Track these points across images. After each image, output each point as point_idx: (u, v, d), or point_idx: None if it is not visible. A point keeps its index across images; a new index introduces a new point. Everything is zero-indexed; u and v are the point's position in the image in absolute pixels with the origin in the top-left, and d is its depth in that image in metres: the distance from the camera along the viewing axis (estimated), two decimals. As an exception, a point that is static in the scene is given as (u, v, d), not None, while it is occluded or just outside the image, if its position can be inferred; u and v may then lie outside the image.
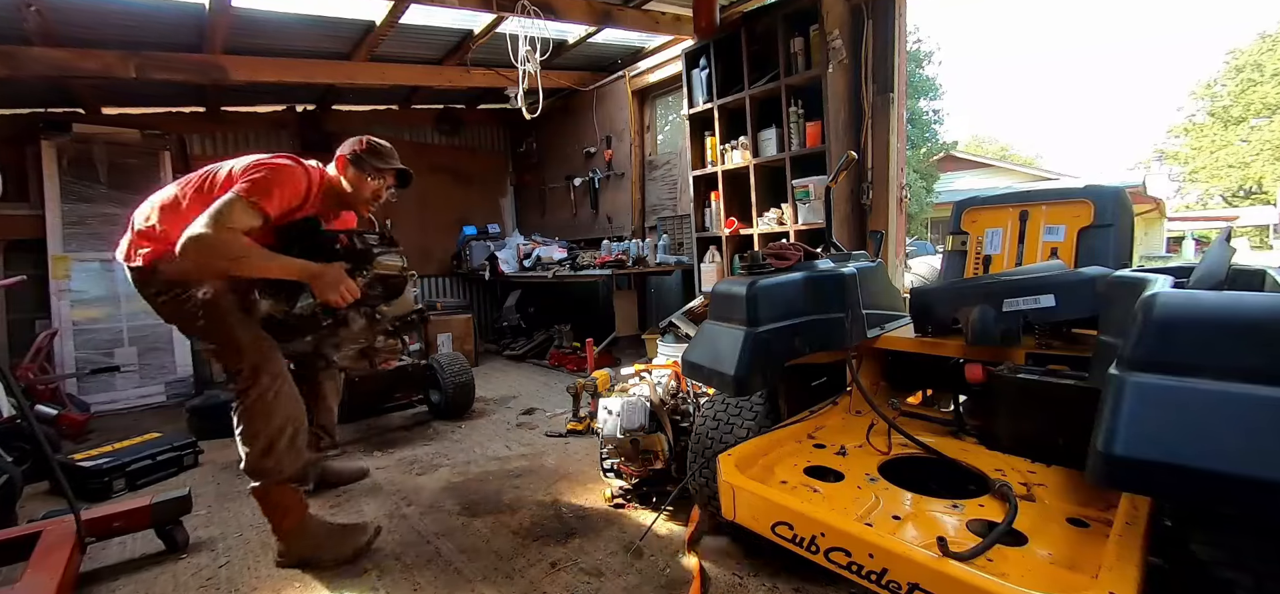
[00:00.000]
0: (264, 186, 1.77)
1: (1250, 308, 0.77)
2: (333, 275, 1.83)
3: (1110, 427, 0.79)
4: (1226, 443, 0.72)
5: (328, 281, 1.83)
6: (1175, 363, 0.79)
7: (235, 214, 1.70)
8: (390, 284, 2.10)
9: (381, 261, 2.05)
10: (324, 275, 1.82)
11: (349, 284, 1.85)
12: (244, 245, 1.71)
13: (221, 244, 1.66)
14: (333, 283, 1.83)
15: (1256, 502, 0.71)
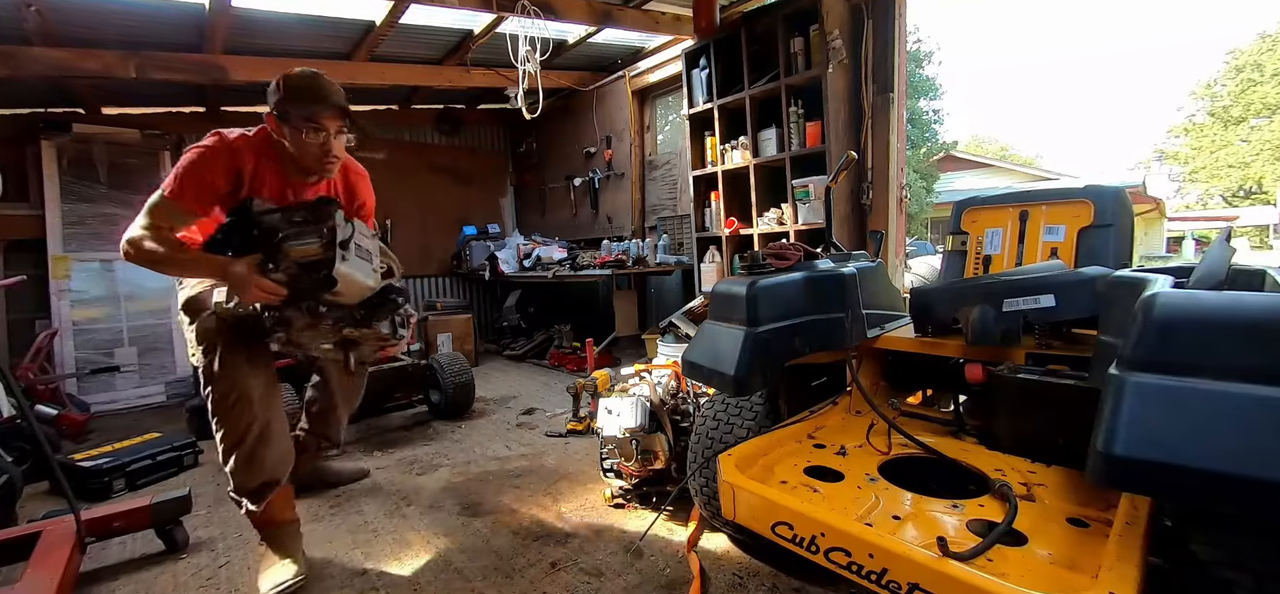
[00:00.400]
0: (178, 180, 1.63)
1: (1250, 308, 0.77)
2: (236, 273, 1.58)
3: (1110, 427, 0.79)
4: (1226, 443, 0.72)
5: (235, 281, 1.60)
6: (1175, 363, 0.79)
7: (158, 214, 1.62)
8: (316, 272, 1.65)
9: (292, 247, 1.64)
10: (230, 275, 1.59)
11: (261, 282, 1.58)
12: (162, 248, 1.60)
13: (141, 247, 1.59)
14: (239, 282, 1.59)
15: (1256, 502, 0.71)
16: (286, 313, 1.67)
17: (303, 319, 1.70)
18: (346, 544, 2.02)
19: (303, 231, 1.66)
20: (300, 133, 1.70)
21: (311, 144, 1.72)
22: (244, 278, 1.57)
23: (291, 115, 1.69)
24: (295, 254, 1.64)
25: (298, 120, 1.69)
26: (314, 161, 1.75)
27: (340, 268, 1.61)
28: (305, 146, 1.72)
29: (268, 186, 1.76)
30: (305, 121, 1.69)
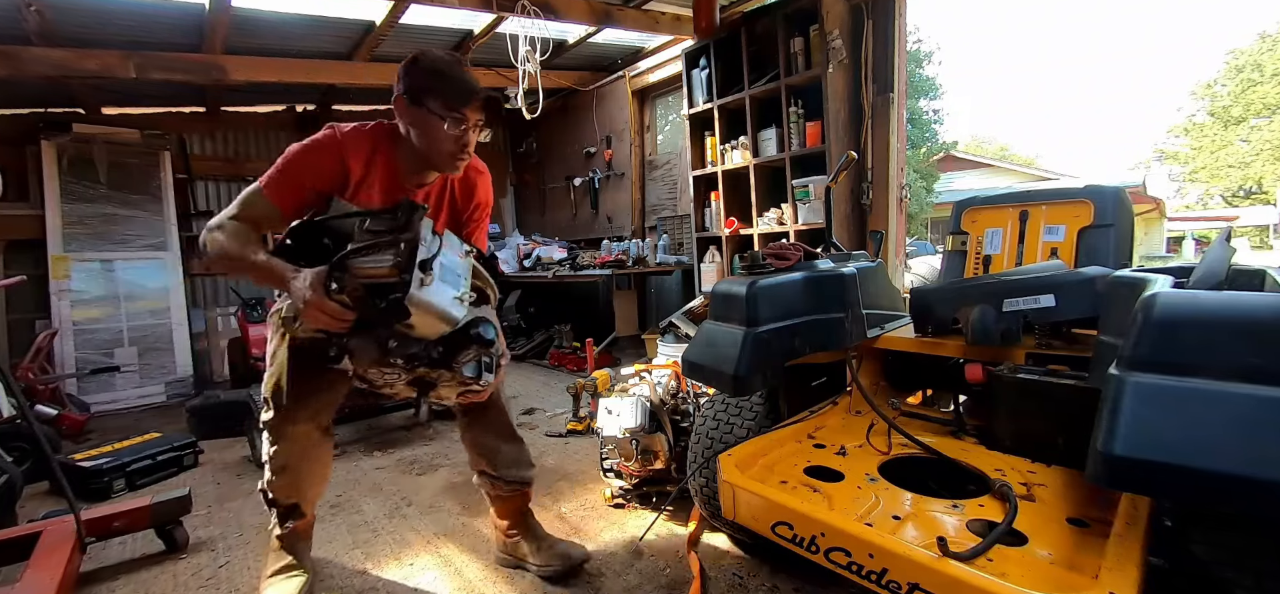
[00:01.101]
0: (276, 175, 1.43)
1: (1250, 308, 0.77)
2: (296, 289, 1.29)
3: (1110, 427, 0.79)
4: (1227, 443, 0.72)
5: (296, 297, 1.30)
6: (1175, 363, 0.78)
7: (244, 205, 1.42)
8: (391, 297, 1.30)
9: (360, 264, 1.29)
10: (294, 290, 1.30)
11: (323, 303, 1.27)
12: (234, 244, 1.37)
13: (214, 238, 1.38)
14: (295, 297, 1.30)
15: (1256, 502, 0.71)
16: (351, 342, 1.36)
17: (371, 352, 1.36)
18: (346, 544, 2.02)
19: (377, 245, 1.31)
20: (439, 123, 1.42)
21: (448, 137, 1.43)
22: (304, 296, 1.27)
23: (429, 102, 1.42)
24: (362, 273, 1.29)
25: (437, 108, 1.42)
26: (445, 158, 1.47)
27: (416, 294, 1.26)
28: (440, 138, 1.44)
29: (378, 187, 1.49)
30: (448, 110, 1.42)
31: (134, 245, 4.94)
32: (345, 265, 1.29)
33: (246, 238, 1.40)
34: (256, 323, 4.12)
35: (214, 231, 1.39)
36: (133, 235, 4.94)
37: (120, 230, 4.88)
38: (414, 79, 1.43)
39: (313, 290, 1.26)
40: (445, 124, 1.42)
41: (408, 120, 1.45)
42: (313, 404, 1.56)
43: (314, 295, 1.26)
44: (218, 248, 1.38)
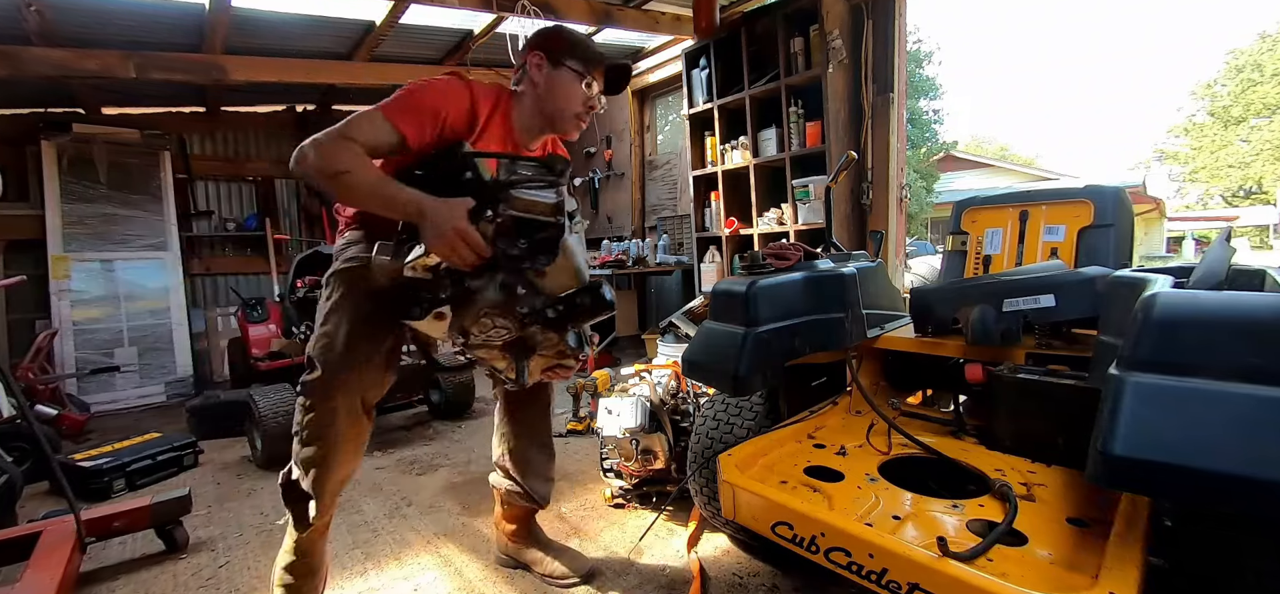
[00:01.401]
0: (403, 101, 1.35)
1: (1250, 308, 0.77)
2: (445, 215, 1.21)
3: (1110, 427, 0.79)
4: (1227, 443, 0.72)
5: (436, 223, 1.21)
6: (1175, 363, 0.78)
7: (362, 126, 1.30)
8: (537, 235, 1.28)
9: (520, 195, 1.26)
10: (433, 214, 1.21)
11: (467, 231, 1.20)
12: (351, 159, 1.25)
13: (327, 151, 1.25)
14: (441, 227, 1.20)
15: (1256, 502, 0.71)
16: (473, 283, 1.29)
17: (490, 296, 1.29)
18: (346, 544, 2.02)
19: (534, 181, 1.29)
20: (576, 83, 1.48)
21: (580, 97, 1.49)
22: (449, 223, 1.20)
23: (566, 60, 1.47)
24: (520, 205, 1.26)
25: (573, 66, 1.48)
26: (571, 119, 1.51)
27: (567, 240, 1.27)
28: (572, 99, 1.49)
29: (495, 141, 1.49)
30: (585, 68, 1.48)
31: (134, 245, 4.94)
32: (506, 196, 1.26)
33: (363, 156, 1.27)
34: (256, 323, 4.12)
35: (322, 145, 1.25)
36: (133, 235, 4.95)
37: (120, 230, 4.89)
38: (554, 41, 1.50)
39: (461, 216, 1.21)
40: (582, 84, 1.49)
41: (542, 80, 1.49)
42: (367, 371, 1.42)
43: (462, 221, 1.21)
44: (335, 162, 1.24)
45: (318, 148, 1.25)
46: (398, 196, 1.26)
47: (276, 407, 2.80)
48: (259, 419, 2.77)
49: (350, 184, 1.27)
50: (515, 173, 1.31)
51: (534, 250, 1.27)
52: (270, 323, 4.07)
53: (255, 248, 5.78)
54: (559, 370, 1.53)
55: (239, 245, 5.77)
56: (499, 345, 1.39)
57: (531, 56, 1.49)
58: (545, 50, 1.49)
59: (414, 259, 1.25)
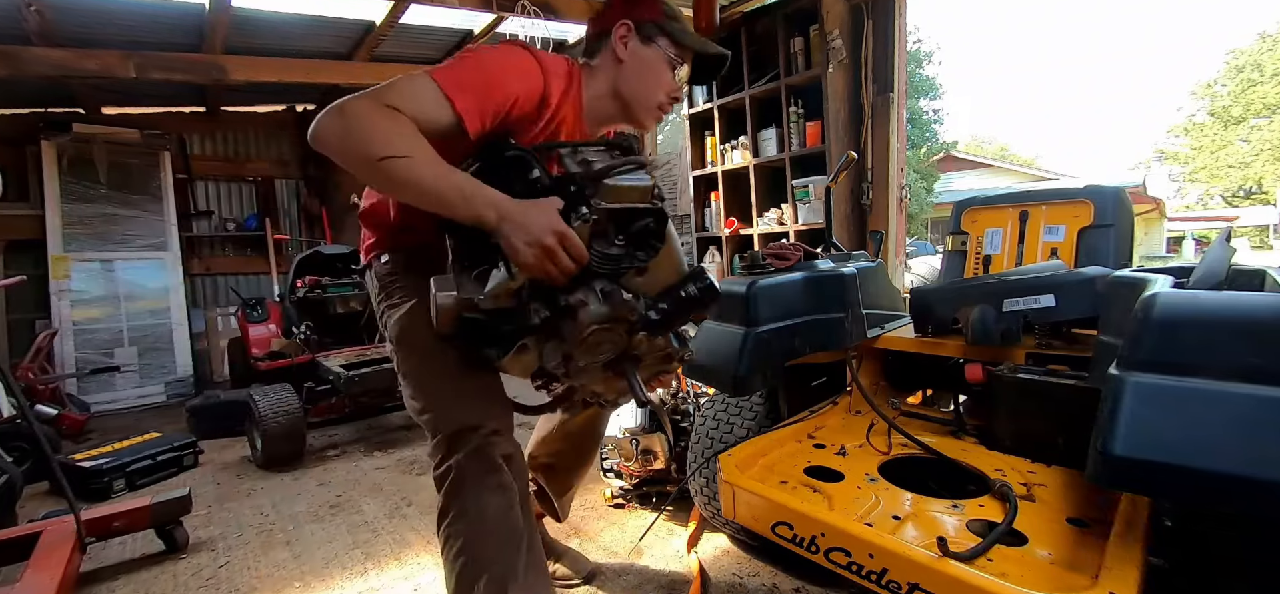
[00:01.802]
0: (462, 71, 1.04)
1: (1250, 308, 0.77)
2: (537, 219, 0.94)
3: (1110, 427, 0.79)
4: (1227, 443, 0.72)
5: (526, 229, 0.94)
6: (1175, 363, 0.78)
7: (409, 95, 0.98)
8: (637, 227, 1.08)
9: (614, 183, 1.05)
10: (520, 218, 0.94)
11: (567, 234, 0.95)
12: (406, 140, 0.94)
13: (368, 126, 0.93)
14: (533, 232, 0.93)
15: (1256, 502, 0.71)
16: (572, 299, 1.00)
17: (596, 310, 1.00)
18: (346, 544, 2.02)
19: (626, 165, 1.07)
20: (665, 67, 1.24)
21: (664, 83, 1.25)
22: (544, 228, 0.93)
23: (659, 37, 1.23)
24: (614, 194, 1.02)
25: (666, 46, 1.23)
26: (652, 109, 1.27)
27: (669, 228, 1.08)
28: (659, 85, 1.25)
29: (563, 131, 1.22)
30: (679, 50, 1.24)
31: (134, 245, 4.94)
32: (598, 184, 1.01)
33: (413, 131, 0.95)
34: (256, 323, 4.12)
35: (360, 115, 0.94)
36: (133, 235, 4.95)
37: (120, 230, 4.89)
38: (648, 12, 1.23)
39: (556, 218, 0.95)
40: (673, 67, 1.25)
41: (627, 58, 1.23)
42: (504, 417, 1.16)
43: (560, 223, 0.94)
44: (375, 140, 0.92)
45: (352, 118, 0.93)
46: (475, 195, 0.94)
47: (276, 407, 2.80)
48: (259, 419, 2.77)
49: (401, 176, 0.93)
50: (588, 161, 1.07)
51: (635, 245, 1.06)
52: (270, 323, 4.07)
53: (255, 248, 5.78)
54: (663, 376, 1.29)
55: (239, 245, 5.77)
56: (601, 366, 1.13)
57: (619, 27, 1.22)
58: (635, 22, 1.23)
59: (497, 287, 0.95)
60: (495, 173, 1.04)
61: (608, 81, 1.25)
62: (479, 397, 1.13)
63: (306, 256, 3.81)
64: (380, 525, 2.16)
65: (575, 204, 1.00)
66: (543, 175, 1.06)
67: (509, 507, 1.09)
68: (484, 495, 1.07)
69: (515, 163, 1.06)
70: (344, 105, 0.94)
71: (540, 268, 0.95)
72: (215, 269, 5.65)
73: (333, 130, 0.94)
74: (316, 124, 0.95)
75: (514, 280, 0.96)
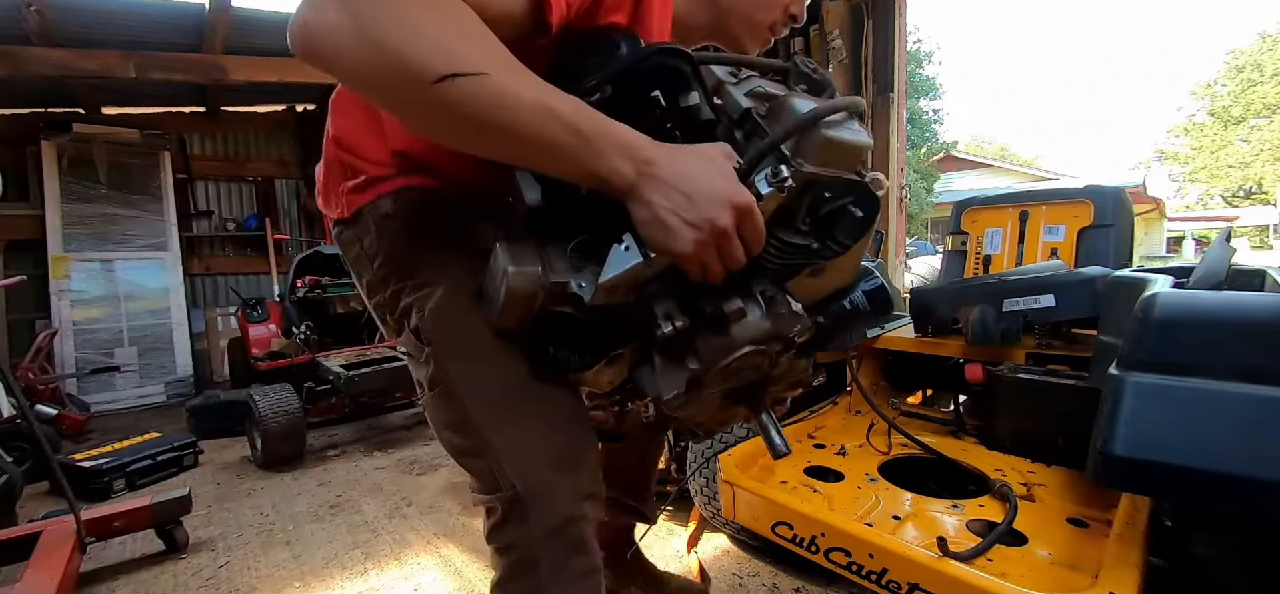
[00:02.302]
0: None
1: (1250, 308, 0.77)
2: (701, 182, 0.60)
3: (1110, 427, 0.79)
4: (1226, 443, 0.72)
5: (683, 193, 0.59)
6: (1175, 363, 0.78)
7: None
8: (834, 207, 0.69)
9: (831, 137, 0.65)
10: (673, 177, 0.60)
11: (747, 206, 0.61)
12: (466, 30, 0.54)
13: (403, 13, 0.52)
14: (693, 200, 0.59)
15: (1256, 502, 0.71)
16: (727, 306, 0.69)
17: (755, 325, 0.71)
18: (346, 544, 2.02)
19: (830, 106, 0.68)
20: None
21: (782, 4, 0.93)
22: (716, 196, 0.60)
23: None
24: (828, 154, 0.66)
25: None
26: (758, 25, 0.94)
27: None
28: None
29: (653, 29, 0.79)
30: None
31: (134, 245, 4.94)
32: (812, 135, 0.65)
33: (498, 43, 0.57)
34: (256, 323, 4.12)
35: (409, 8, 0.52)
36: (133, 235, 4.95)
37: (120, 230, 4.89)
38: None
39: (732, 182, 0.61)
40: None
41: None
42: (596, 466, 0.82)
43: (740, 193, 0.61)
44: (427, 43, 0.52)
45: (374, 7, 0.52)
46: (598, 135, 0.58)
47: (276, 407, 2.80)
48: (259, 419, 2.77)
49: (473, 105, 0.54)
50: (766, 96, 0.72)
51: (824, 234, 0.70)
52: (270, 323, 4.07)
53: (255, 248, 5.78)
54: (786, 391, 0.94)
55: (239, 245, 5.77)
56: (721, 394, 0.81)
57: None
58: None
59: (621, 276, 0.64)
60: (623, 92, 0.66)
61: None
62: (561, 433, 0.77)
63: (306, 256, 3.81)
64: (380, 525, 2.16)
65: (759, 159, 0.65)
66: (705, 104, 0.71)
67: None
68: (568, 584, 0.76)
69: (659, 75, 0.68)
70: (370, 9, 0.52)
71: (699, 257, 0.61)
72: (215, 269, 5.65)
73: (348, 36, 0.52)
74: (310, 19, 0.53)
75: (648, 267, 0.63)
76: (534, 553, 0.74)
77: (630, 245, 0.63)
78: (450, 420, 0.78)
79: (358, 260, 0.84)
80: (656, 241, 0.61)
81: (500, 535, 0.77)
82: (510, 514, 0.75)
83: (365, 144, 0.80)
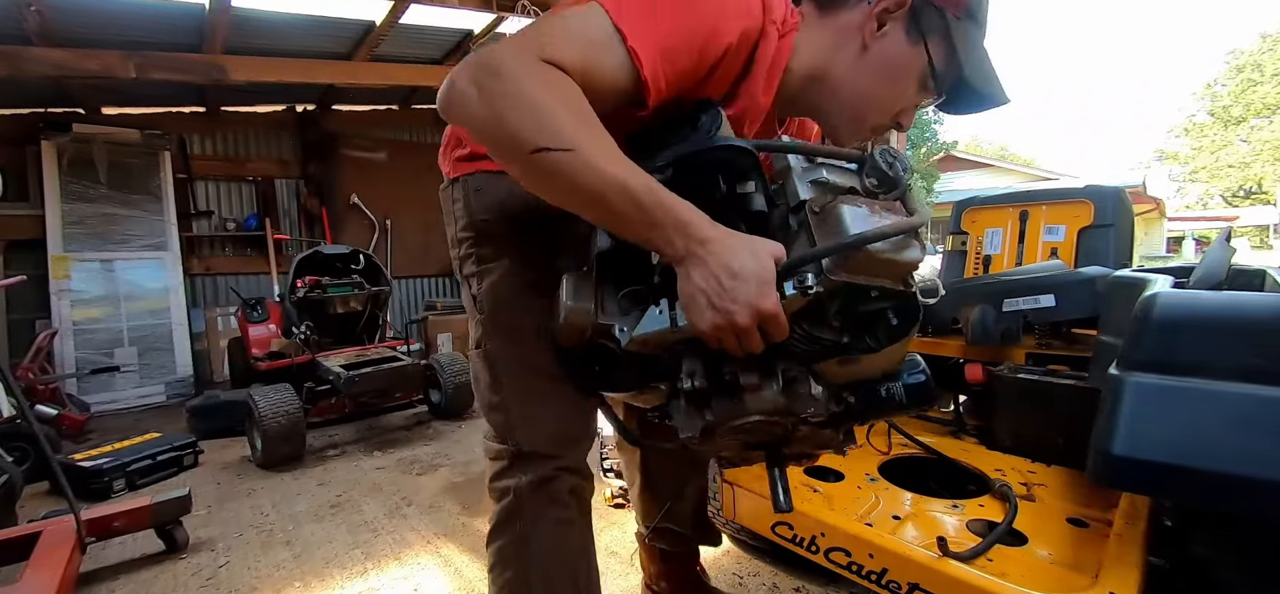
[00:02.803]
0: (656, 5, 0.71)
1: (1250, 308, 0.77)
2: (734, 280, 0.66)
3: (1109, 427, 0.79)
4: (1226, 443, 0.72)
5: (715, 285, 0.67)
6: (1175, 363, 0.78)
7: (574, 33, 0.68)
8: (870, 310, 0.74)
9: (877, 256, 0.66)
10: (713, 267, 0.67)
11: (774, 315, 0.67)
12: (567, 110, 0.65)
13: (523, 99, 0.64)
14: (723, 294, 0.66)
15: (1257, 502, 0.71)
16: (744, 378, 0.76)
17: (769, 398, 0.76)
18: (346, 544, 2.02)
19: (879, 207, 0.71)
20: (919, 76, 0.85)
21: (908, 92, 0.87)
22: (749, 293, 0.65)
23: (934, 40, 0.83)
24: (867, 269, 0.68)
25: (940, 54, 0.83)
26: (863, 123, 0.89)
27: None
28: (898, 93, 0.87)
29: (747, 101, 0.83)
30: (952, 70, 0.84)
31: (134, 245, 4.94)
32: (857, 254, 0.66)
33: (581, 98, 0.66)
34: (256, 323, 4.12)
35: (515, 91, 0.64)
36: (133, 235, 4.95)
37: (120, 230, 4.89)
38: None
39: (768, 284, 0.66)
40: (923, 87, 0.86)
41: (875, 45, 0.83)
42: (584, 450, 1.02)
43: (769, 298, 0.66)
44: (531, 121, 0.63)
45: (504, 92, 0.64)
46: (659, 209, 0.66)
47: (276, 407, 2.80)
48: (259, 419, 2.77)
49: (556, 173, 0.65)
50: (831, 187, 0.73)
51: (856, 332, 0.74)
52: (270, 323, 4.07)
53: (255, 248, 5.78)
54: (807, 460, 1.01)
55: (239, 245, 5.77)
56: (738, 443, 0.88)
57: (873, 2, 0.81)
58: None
59: (649, 334, 0.73)
60: (690, 170, 0.72)
61: (822, 55, 0.84)
62: (565, 421, 0.95)
63: (306, 256, 3.81)
64: (380, 525, 2.16)
65: (797, 267, 0.67)
66: (761, 193, 0.75)
67: (564, 543, 0.99)
68: (541, 528, 0.96)
69: (722, 164, 0.73)
70: (492, 64, 0.65)
71: (717, 338, 0.69)
72: (215, 269, 5.65)
73: (475, 105, 0.65)
74: (451, 88, 0.66)
75: (674, 333, 0.72)
76: (521, 500, 0.95)
77: (664, 310, 0.73)
78: (488, 379, 0.97)
79: (447, 217, 1.00)
80: (687, 312, 0.69)
81: (500, 480, 0.97)
82: (512, 465, 0.96)
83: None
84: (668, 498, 1.29)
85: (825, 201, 0.72)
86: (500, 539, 0.98)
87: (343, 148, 6.01)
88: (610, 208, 0.66)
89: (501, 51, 0.66)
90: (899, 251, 0.68)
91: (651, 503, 1.33)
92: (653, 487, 1.31)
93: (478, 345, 0.97)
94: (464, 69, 0.67)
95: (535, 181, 0.69)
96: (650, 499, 1.32)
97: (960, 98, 0.87)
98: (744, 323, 0.66)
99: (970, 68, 0.82)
